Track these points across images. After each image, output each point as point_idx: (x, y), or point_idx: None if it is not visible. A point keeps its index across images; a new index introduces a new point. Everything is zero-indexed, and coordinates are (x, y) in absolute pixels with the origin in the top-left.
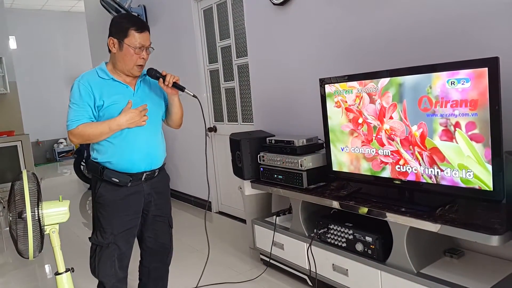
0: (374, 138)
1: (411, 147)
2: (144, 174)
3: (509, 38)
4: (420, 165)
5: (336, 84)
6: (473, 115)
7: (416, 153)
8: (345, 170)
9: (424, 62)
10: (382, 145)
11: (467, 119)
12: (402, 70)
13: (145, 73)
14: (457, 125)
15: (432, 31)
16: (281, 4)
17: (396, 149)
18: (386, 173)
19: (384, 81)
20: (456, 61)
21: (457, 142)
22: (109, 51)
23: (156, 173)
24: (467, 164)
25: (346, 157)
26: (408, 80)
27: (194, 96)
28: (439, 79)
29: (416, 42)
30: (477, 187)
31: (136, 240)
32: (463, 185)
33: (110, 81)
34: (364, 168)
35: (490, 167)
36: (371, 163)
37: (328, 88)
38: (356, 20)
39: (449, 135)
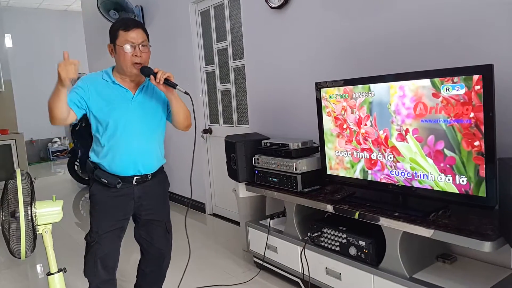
0: (354, 139)
1: (378, 145)
2: (135, 178)
3: (504, 44)
4: (384, 158)
5: (328, 99)
6: (467, 121)
7: (382, 149)
8: (333, 165)
9: (420, 68)
10: (360, 144)
11: (414, 125)
12: (399, 75)
13: (149, 79)
14: (407, 131)
15: (428, 37)
16: (278, 7)
17: (369, 147)
18: (361, 164)
19: (360, 99)
20: (451, 67)
21: (407, 142)
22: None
23: (150, 177)
24: (413, 157)
25: (334, 153)
26: (376, 99)
27: (186, 93)
28: (396, 94)
29: (412, 47)
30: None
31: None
32: (451, 191)
33: (111, 84)
34: (346, 160)
35: (430, 160)
36: (351, 157)
37: (323, 102)
38: (353, 24)
39: (402, 137)
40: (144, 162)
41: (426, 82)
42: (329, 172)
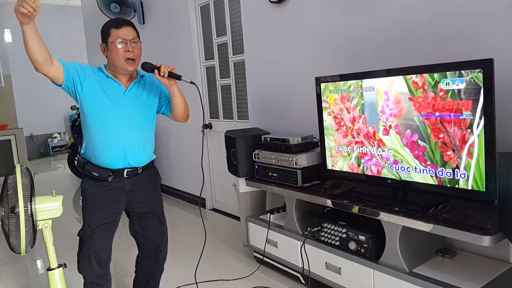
0: (349, 133)
1: (368, 139)
2: (125, 171)
3: (504, 38)
4: (373, 148)
5: (327, 100)
6: (467, 116)
7: (371, 141)
8: (333, 154)
9: (420, 62)
10: (354, 137)
11: (395, 122)
12: (399, 70)
13: (142, 74)
14: (390, 126)
15: (428, 31)
16: (278, 2)
17: (361, 140)
18: (355, 154)
19: (355, 101)
20: (450, 62)
21: (390, 135)
22: (106, 56)
23: (140, 171)
24: (395, 147)
25: (334, 144)
26: (366, 101)
27: (191, 82)
28: (382, 98)
29: (412, 42)
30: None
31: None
32: (452, 186)
33: (104, 77)
34: (344, 150)
35: (407, 149)
36: (348, 148)
37: (324, 104)
38: (353, 19)
39: (386, 132)
40: (133, 155)
41: (404, 88)
42: (329, 160)
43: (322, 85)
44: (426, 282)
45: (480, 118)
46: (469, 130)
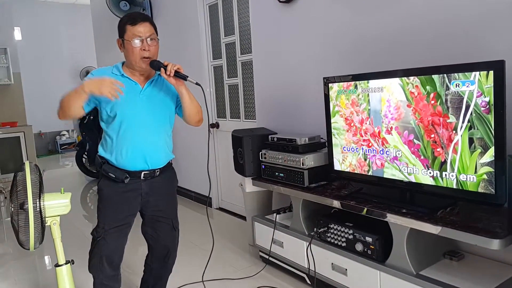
0: (358, 133)
1: (374, 137)
2: (143, 173)
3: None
4: (378, 145)
5: (339, 104)
6: (453, 119)
7: (376, 140)
8: (343, 150)
9: (430, 63)
10: (362, 136)
11: (396, 124)
12: (408, 71)
13: (159, 73)
14: (391, 128)
15: (438, 32)
16: (286, 1)
17: (368, 139)
18: (362, 151)
19: (363, 106)
20: (461, 63)
21: (392, 135)
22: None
23: (158, 173)
24: (396, 144)
25: (344, 142)
26: (372, 106)
27: (197, 84)
28: (385, 104)
29: (421, 42)
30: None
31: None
32: (463, 188)
33: (120, 77)
34: (352, 148)
35: (405, 146)
36: (356, 145)
37: (337, 107)
38: (362, 19)
39: (388, 132)
40: (151, 156)
41: (403, 97)
42: (340, 155)
43: (334, 89)
44: (433, 284)
45: (463, 122)
46: (454, 132)
